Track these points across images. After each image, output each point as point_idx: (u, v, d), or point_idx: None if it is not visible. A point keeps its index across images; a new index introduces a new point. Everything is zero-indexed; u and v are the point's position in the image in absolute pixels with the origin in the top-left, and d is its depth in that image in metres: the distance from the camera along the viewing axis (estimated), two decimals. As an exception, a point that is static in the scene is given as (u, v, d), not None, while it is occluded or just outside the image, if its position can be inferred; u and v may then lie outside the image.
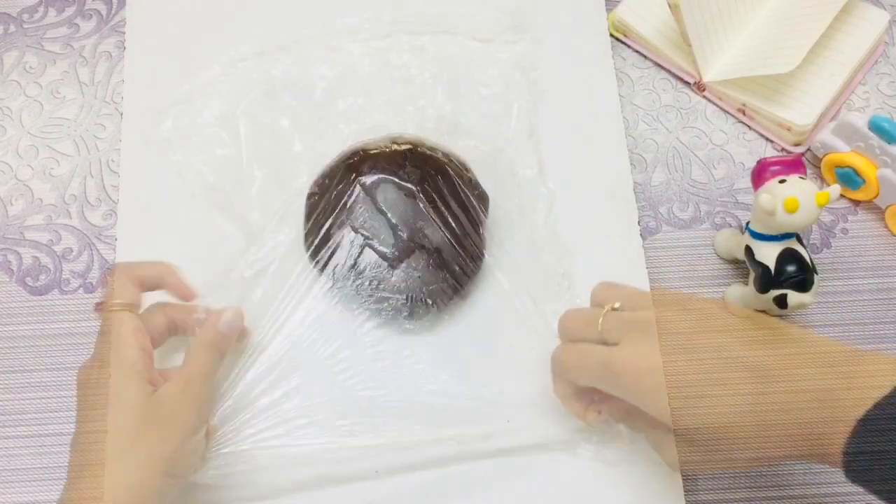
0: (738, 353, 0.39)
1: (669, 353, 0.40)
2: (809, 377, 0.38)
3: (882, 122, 0.53)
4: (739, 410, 0.38)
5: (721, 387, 0.39)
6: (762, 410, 0.38)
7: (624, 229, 0.57)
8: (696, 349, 0.40)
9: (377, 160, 0.54)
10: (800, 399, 0.37)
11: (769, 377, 0.38)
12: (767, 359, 0.39)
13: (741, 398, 0.38)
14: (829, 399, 0.37)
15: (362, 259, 0.52)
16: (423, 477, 0.50)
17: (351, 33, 0.62)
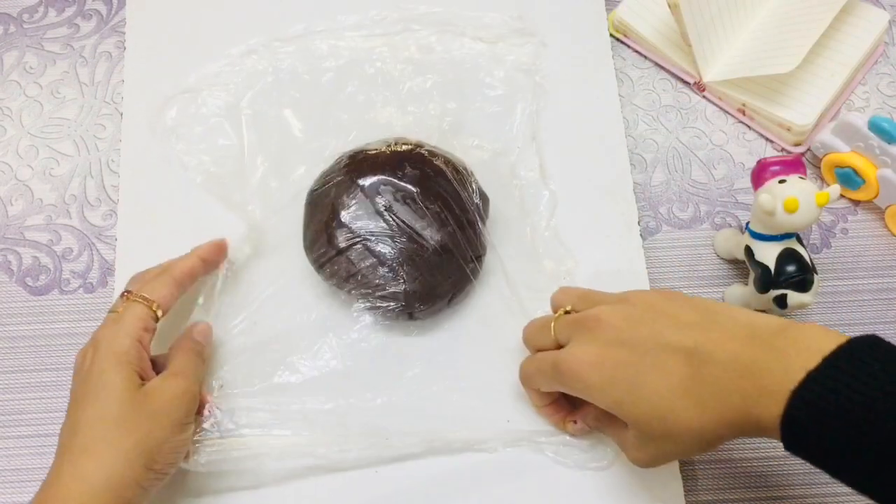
0: (671, 337, 0.41)
1: (609, 346, 0.42)
2: (741, 353, 0.38)
3: (882, 122, 0.53)
4: (676, 394, 0.39)
5: (657, 372, 0.40)
6: (698, 392, 0.39)
7: (624, 229, 0.57)
8: (632, 340, 0.42)
9: (377, 161, 0.54)
10: (732, 376, 0.38)
11: (702, 357, 0.39)
12: (699, 339, 0.40)
13: (676, 380, 0.39)
14: (761, 373, 0.37)
15: (361, 260, 0.52)
16: (423, 476, 0.50)
17: (358, 30, 0.62)
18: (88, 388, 0.44)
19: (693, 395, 0.39)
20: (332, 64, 0.61)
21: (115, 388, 0.44)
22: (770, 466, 0.52)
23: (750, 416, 0.37)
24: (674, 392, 0.39)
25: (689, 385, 0.39)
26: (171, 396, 0.45)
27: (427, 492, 0.50)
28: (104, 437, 0.42)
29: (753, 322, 0.40)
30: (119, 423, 0.43)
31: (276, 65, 0.61)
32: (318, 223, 0.53)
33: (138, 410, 0.43)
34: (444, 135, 0.58)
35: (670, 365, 0.40)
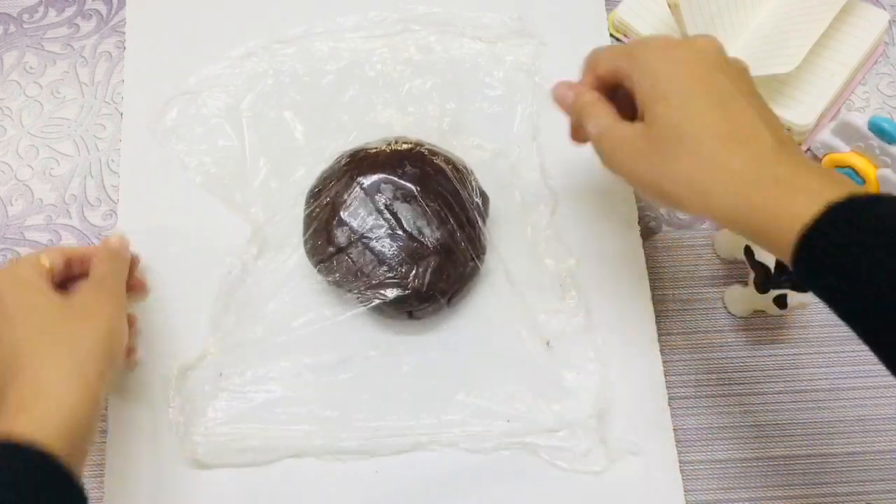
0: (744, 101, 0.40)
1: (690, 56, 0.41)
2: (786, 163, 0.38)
3: (882, 122, 0.53)
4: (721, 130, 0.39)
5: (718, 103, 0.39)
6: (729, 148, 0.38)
7: (624, 229, 0.57)
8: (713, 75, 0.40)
9: (377, 160, 0.54)
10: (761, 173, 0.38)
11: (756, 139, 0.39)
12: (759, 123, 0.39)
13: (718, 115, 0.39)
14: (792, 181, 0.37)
15: (361, 258, 0.52)
16: (423, 476, 0.50)
17: (357, 31, 0.62)
18: (9, 316, 0.43)
19: (726, 143, 0.38)
20: (332, 65, 0.61)
21: (39, 304, 0.43)
22: (770, 466, 0.52)
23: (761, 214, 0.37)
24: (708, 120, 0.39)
25: (726, 130, 0.38)
26: (97, 297, 0.45)
27: (427, 491, 0.50)
28: (43, 352, 0.41)
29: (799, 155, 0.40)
30: (61, 329, 0.42)
31: (276, 66, 0.61)
32: (318, 222, 0.53)
33: (73, 316, 0.43)
34: (444, 135, 0.58)
35: (737, 117, 0.39)
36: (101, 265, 0.47)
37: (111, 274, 0.47)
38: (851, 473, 0.52)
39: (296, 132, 0.59)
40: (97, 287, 0.46)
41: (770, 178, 0.37)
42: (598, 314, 0.54)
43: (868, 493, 0.51)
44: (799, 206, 0.36)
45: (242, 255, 0.55)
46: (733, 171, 0.38)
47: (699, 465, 0.52)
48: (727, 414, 0.53)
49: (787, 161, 0.38)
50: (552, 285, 0.55)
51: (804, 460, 0.52)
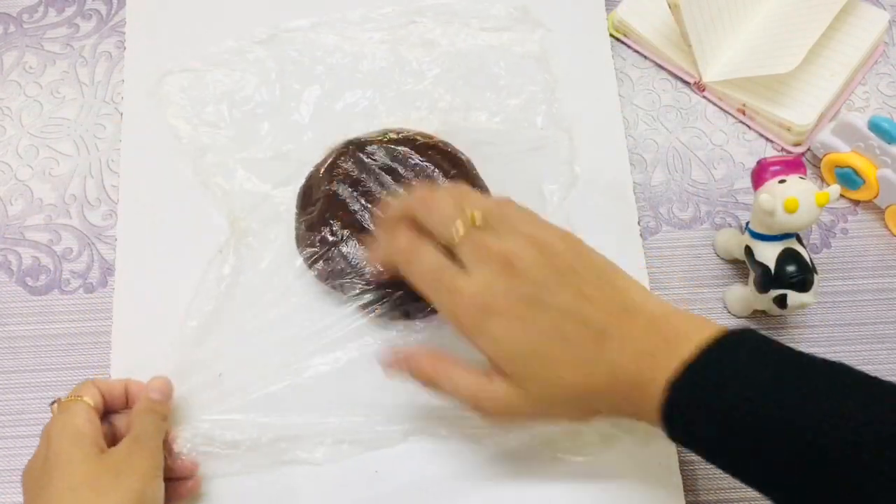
0: (585, 311, 0.40)
1: (521, 301, 0.40)
2: (638, 340, 0.39)
3: (882, 122, 0.53)
4: (574, 363, 0.40)
5: (563, 342, 0.40)
6: (594, 365, 0.39)
7: (624, 229, 0.57)
8: (547, 304, 0.40)
9: (372, 151, 0.54)
10: (627, 363, 0.39)
11: (607, 337, 0.40)
12: (608, 321, 0.40)
13: (578, 352, 0.40)
14: (650, 361, 0.39)
15: (353, 256, 0.51)
16: (422, 476, 0.50)
17: (363, 23, 0.62)
18: (49, 469, 0.43)
19: (590, 370, 0.40)
20: (336, 57, 0.61)
21: (77, 458, 0.43)
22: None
23: (634, 399, 0.39)
24: (570, 362, 0.40)
25: (592, 367, 0.40)
26: (133, 454, 0.44)
27: (426, 491, 0.50)
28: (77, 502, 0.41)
29: (651, 308, 0.41)
30: (90, 486, 0.42)
31: (280, 56, 0.61)
32: (309, 217, 0.53)
33: (106, 470, 0.43)
34: (450, 126, 0.58)
35: (575, 337, 0.40)
36: (140, 419, 0.47)
37: (150, 431, 0.46)
38: (851, 473, 0.52)
39: (296, 122, 0.59)
40: (134, 443, 0.45)
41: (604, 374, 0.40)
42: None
43: (868, 493, 0.51)
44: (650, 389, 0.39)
45: (235, 254, 0.55)
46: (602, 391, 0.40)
47: (699, 465, 0.52)
48: (727, 414, 0.53)
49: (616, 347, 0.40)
50: None
51: (804, 460, 0.52)
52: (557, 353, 0.40)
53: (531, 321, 0.40)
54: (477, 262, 0.42)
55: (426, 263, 0.43)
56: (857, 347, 0.55)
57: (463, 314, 0.41)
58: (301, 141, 0.58)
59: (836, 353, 0.55)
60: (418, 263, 0.43)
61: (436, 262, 0.43)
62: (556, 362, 0.40)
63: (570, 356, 0.40)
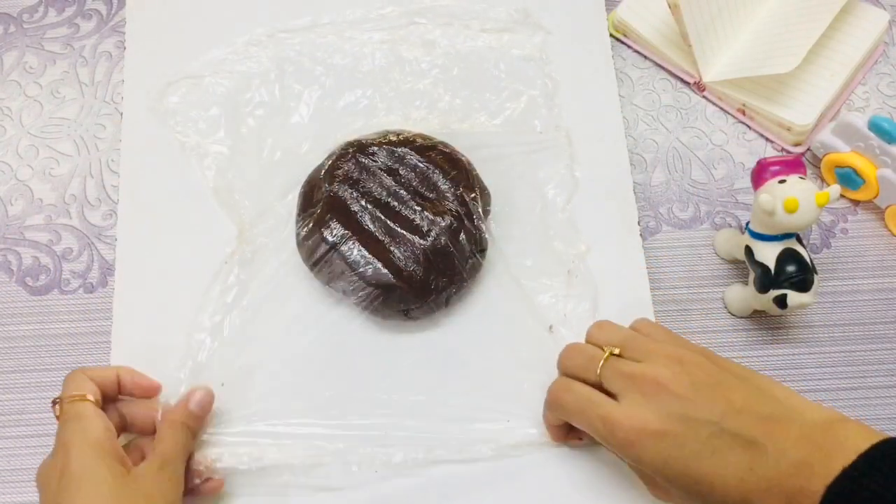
0: (733, 424, 0.40)
1: (671, 419, 0.41)
2: (791, 451, 0.39)
3: (882, 122, 0.53)
4: (729, 482, 0.39)
5: (717, 458, 0.40)
6: (751, 485, 0.39)
7: (624, 229, 0.57)
8: (695, 419, 0.41)
9: (373, 153, 0.54)
10: (781, 473, 0.38)
11: (759, 451, 0.39)
12: (757, 431, 0.40)
13: (733, 470, 0.39)
14: (806, 473, 0.38)
15: (354, 256, 0.51)
16: (422, 476, 0.50)
17: (363, 24, 0.62)
18: (69, 484, 0.41)
19: (746, 486, 0.39)
20: (336, 58, 0.61)
21: (101, 480, 0.41)
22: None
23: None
24: (727, 480, 0.39)
25: (743, 476, 0.39)
26: (160, 479, 0.44)
27: (426, 491, 0.50)
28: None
29: (804, 414, 0.40)
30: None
31: (280, 56, 0.61)
32: (309, 219, 0.53)
33: (131, 497, 0.42)
34: (451, 128, 0.58)
35: (729, 454, 0.40)
36: (173, 434, 0.46)
37: (180, 450, 0.45)
38: (851, 473, 0.52)
39: (297, 123, 0.59)
40: (164, 465, 0.44)
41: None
42: (598, 314, 0.54)
43: (868, 493, 0.51)
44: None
45: (237, 256, 0.55)
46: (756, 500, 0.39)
47: (699, 465, 0.52)
48: (727, 414, 0.53)
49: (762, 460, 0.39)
50: (559, 273, 0.54)
51: (804, 460, 0.52)
52: (713, 472, 0.40)
53: (685, 440, 0.40)
54: (623, 389, 0.43)
55: (577, 395, 0.45)
56: (857, 347, 0.55)
57: (617, 440, 0.42)
58: (302, 142, 0.58)
59: (836, 353, 0.55)
60: (569, 399, 0.45)
61: (586, 395, 0.44)
62: (712, 482, 0.40)
63: (723, 470, 0.39)
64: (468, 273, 0.53)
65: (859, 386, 0.54)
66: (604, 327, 0.47)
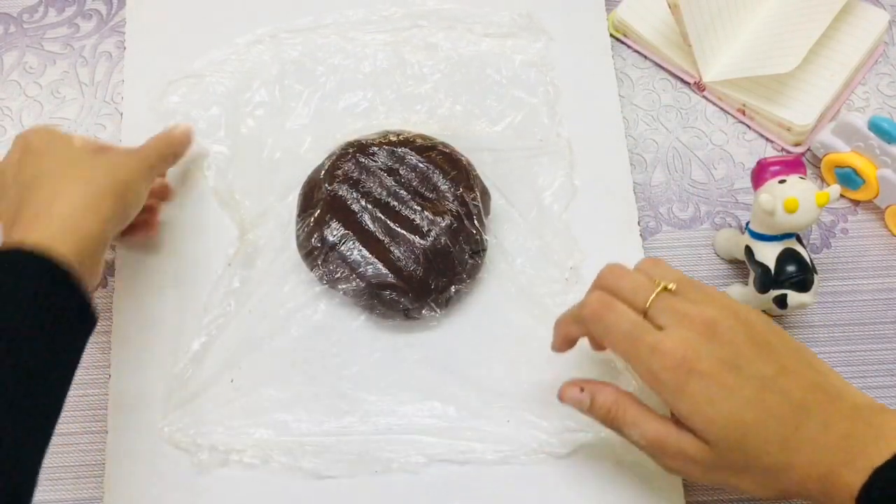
0: (785, 384, 0.40)
1: (721, 365, 0.40)
2: (840, 423, 0.39)
3: (882, 122, 0.53)
4: (772, 437, 0.39)
5: (762, 410, 0.39)
6: (794, 444, 0.39)
7: (624, 229, 0.57)
8: (747, 371, 0.40)
9: (373, 153, 0.54)
10: (827, 441, 0.38)
11: (806, 414, 0.39)
12: (808, 397, 0.39)
13: (776, 425, 0.39)
14: (853, 446, 0.38)
15: (353, 257, 0.51)
16: (421, 476, 0.50)
17: (365, 25, 0.62)
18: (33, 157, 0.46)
19: (788, 445, 0.39)
20: (338, 59, 0.61)
21: (68, 144, 0.47)
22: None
23: (828, 484, 0.38)
24: (770, 435, 0.39)
25: (788, 435, 0.39)
26: (131, 154, 0.49)
27: (425, 492, 0.50)
28: (70, 175, 0.45)
29: (853, 396, 0.40)
30: (83, 164, 0.45)
31: (281, 56, 0.61)
32: (309, 219, 0.53)
33: (97, 160, 0.46)
34: (452, 130, 0.58)
35: (776, 409, 0.39)
36: (155, 141, 0.52)
37: (153, 147, 0.51)
38: (851, 473, 0.52)
39: (297, 123, 0.59)
40: (131, 150, 0.50)
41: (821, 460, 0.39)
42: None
43: (868, 493, 0.51)
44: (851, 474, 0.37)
45: (237, 256, 0.55)
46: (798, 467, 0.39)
47: (699, 465, 0.52)
48: (727, 414, 0.53)
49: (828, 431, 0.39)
50: (554, 283, 0.54)
51: (804, 460, 0.52)
52: (758, 423, 0.39)
53: (733, 387, 0.39)
54: (675, 323, 0.41)
55: (623, 321, 0.42)
56: (857, 347, 0.55)
57: (663, 372, 0.40)
58: (302, 142, 0.58)
59: (836, 353, 0.55)
60: (614, 320, 0.42)
61: (633, 320, 0.42)
62: (756, 432, 0.39)
63: (771, 429, 0.39)
64: (468, 273, 0.53)
65: (859, 386, 0.53)
66: (659, 264, 0.45)
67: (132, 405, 0.52)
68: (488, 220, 0.55)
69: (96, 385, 0.53)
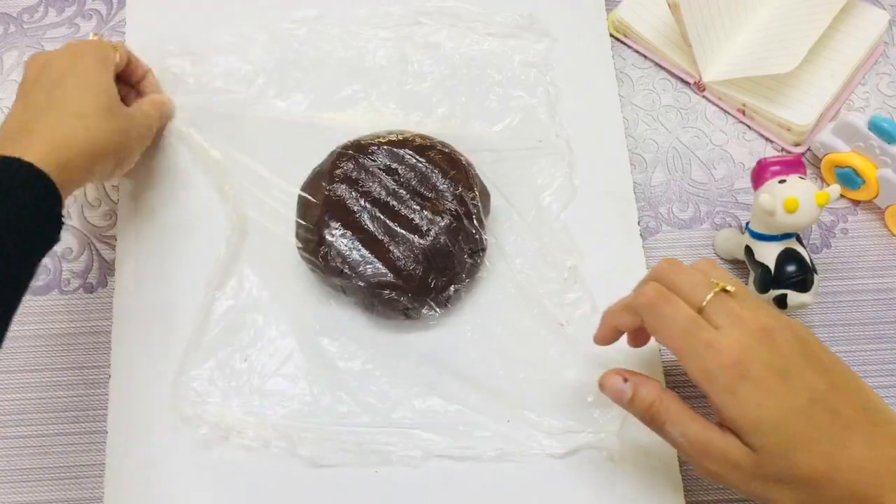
0: (831, 399, 0.40)
1: (771, 371, 0.40)
2: (886, 445, 0.39)
3: (882, 122, 0.53)
4: (817, 447, 0.39)
5: (808, 419, 0.39)
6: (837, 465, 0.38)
7: (624, 229, 0.57)
8: (797, 382, 0.40)
9: (372, 153, 0.54)
10: (874, 463, 0.38)
11: (855, 432, 0.39)
12: (856, 416, 0.39)
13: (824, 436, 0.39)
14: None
15: (353, 257, 0.51)
16: (419, 471, 0.50)
17: (367, 21, 0.62)
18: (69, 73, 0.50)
19: (833, 460, 0.39)
20: (339, 54, 0.61)
21: (103, 82, 0.51)
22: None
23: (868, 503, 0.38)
24: (816, 447, 0.39)
25: (833, 449, 0.39)
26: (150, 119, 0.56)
27: (426, 493, 0.50)
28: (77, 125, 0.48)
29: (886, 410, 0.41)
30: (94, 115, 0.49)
31: (282, 50, 0.61)
32: (309, 219, 0.53)
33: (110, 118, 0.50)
34: (452, 130, 0.58)
35: (824, 423, 0.39)
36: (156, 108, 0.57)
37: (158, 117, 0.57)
38: (851, 473, 0.52)
39: (296, 119, 0.59)
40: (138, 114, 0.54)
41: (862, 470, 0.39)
42: (597, 314, 0.54)
43: (868, 493, 0.51)
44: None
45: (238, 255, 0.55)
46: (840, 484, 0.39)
47: (699, 465, 0.52)
48: (727, 414, 0.53)
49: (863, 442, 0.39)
50: (558, 273, 0.54)
51: (804, 460, 0.52)
52: (805, 433, 0.39)
53: (784, 395, 0.39)
54: (732, 325, 0.41)
55: (680, 315, 0.42)
56: (857, 347, 0.55)
57: (717, 371, 0.40)
58: (301, 137, 0.58)
59: (837, 353, 0.55)
60: (672, 313, 0.42)
61: (690, 315, 0.42)
62: (802, 441, 0.39)
63: (817, 441, 0.39)
64: (467, 273, 0.53)
65: None
66: (717, 266, 0.44)
67: (132, 405, 0.52)
68: (488, 219, 0.55)
69: (96, 385, 0.53)
